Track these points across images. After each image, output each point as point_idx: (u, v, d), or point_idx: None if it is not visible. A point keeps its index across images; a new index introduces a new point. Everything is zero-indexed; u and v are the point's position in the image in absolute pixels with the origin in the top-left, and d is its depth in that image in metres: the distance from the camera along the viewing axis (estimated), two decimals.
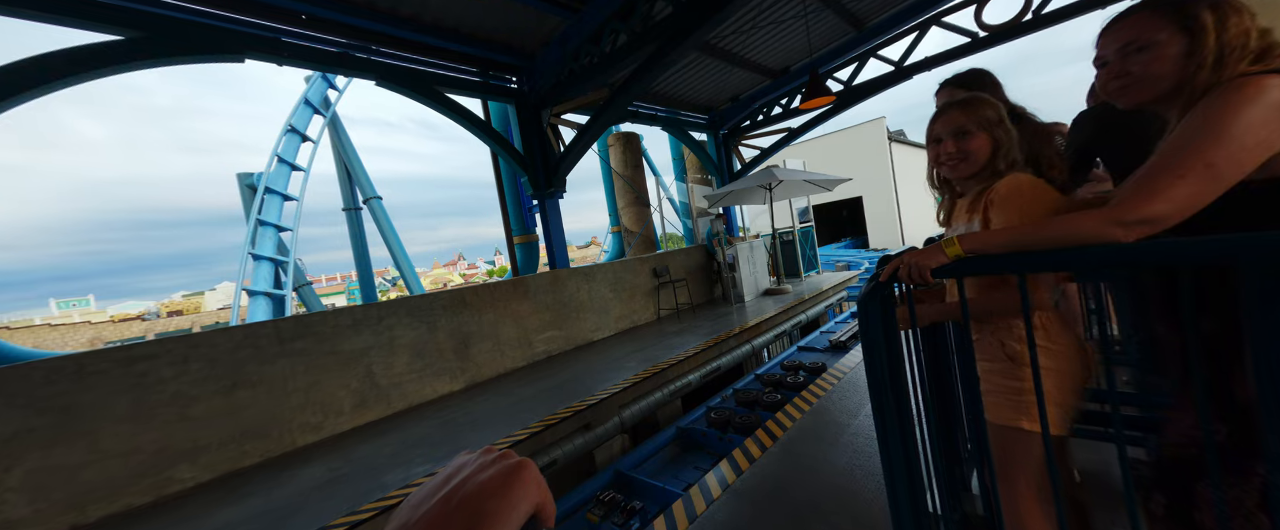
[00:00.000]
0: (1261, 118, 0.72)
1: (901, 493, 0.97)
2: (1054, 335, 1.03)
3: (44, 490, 2.44)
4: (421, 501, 0.26)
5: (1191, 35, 0.80)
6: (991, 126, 1.09)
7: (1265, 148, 0.73)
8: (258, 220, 10.87)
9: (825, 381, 3.16)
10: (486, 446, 0.30)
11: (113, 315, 34.72)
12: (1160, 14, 0.84)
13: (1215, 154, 0.73)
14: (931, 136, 1.17)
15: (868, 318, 0.97)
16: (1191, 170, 0.74)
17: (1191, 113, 0.79)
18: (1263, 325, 0.64)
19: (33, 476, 2.42)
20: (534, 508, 0.27)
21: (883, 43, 6.88)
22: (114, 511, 2.59)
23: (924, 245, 1.08)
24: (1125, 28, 0.88)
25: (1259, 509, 0.79)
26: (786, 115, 8.07)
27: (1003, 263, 0.92)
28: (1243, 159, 0.73)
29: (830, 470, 2.04)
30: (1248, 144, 0.72)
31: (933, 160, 1.18)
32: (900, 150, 19.16)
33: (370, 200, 13.74)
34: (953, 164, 1.13)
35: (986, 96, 1.14)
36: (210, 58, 3.51)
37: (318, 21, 3.93)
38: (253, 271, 10.50)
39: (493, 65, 5.21)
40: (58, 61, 2.95)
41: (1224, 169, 0.74)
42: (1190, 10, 0.80)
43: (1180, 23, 0.81)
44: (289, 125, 11.91)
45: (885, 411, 0.96)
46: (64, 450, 2.52)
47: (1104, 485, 1.55)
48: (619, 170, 8.82)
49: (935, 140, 1.16)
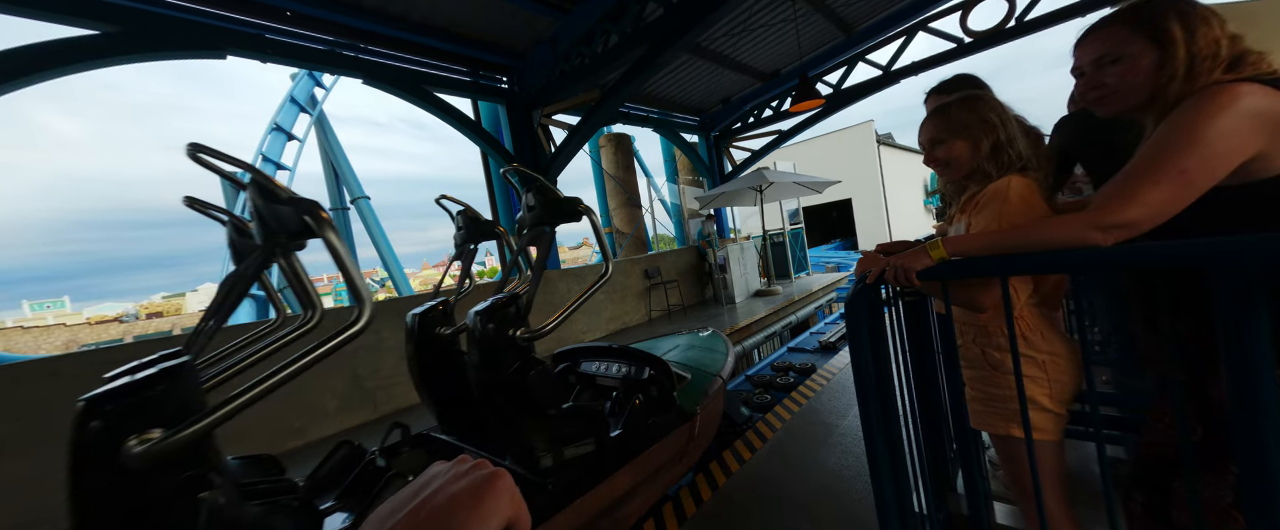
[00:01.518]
0: (1233, 126, 0.74)
1: (887, 492, 0.97)
2: (1038, 341, 1.02)
3: (13, 497, 2.35)
4: (391, 514, 0.25)
5: (1162, 47, 0.82)
6: (968, 130, 1.08)
7: (1237, 154, 0.75)
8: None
9: (815, 382, 3.19)
10: (461, 456, 0.30)
11: (89, 317, 33.77)
12: (1131, 27, 0.86)
13: (1188, 161, 0.75)
14: (920, 146, 1.20)
15: (855, 319, 0.98)
16: (1166, 177, 0.76)
17: (1166, 121, 0.81)
18: (1234, 327, 0.65)
19: (6, 488, 2.34)
20: (506, 521, 0.26)
21: (871, 47, 6.98)
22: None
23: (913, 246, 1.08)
24: (1098, 40, 0.90)
25: (1234, 507, 0.81)
26: (777, 117, 8.14)
27: (985, 266, 0.93)
28: (1215, 166, 0.75)
29: (819, 470, 2.05)
30: (1220, 151, 0.74)
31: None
32: (888, 153, 19.43)
33: (357, 200, 13.54)
34: (939, 171, 1.15)
35: (972, 96, 1.11)
36: (191, 54, 3.43)
37: (303, 19, 3.86)
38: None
39: (483, 65, 5.17)
40: (33, 56, 2.86)
41: (1197, 176, 0.75)
42: (1160, 23, 0.82)
43: (1151, 35, 0.83)
44: (274, 123, 11.70)
45: (871, 412, 0.97)
46: (40, 459, 2.44)
47: (1082, 484, 1.58)
48: (610, 171, 8.81)
49: (923, 149, 1.18)
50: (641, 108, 7.36)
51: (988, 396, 1.07)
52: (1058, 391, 1.01)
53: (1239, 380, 0.67)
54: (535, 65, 5.24)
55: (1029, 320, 1.03)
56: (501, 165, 5.49)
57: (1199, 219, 0.78)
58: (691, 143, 8.57)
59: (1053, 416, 1.01)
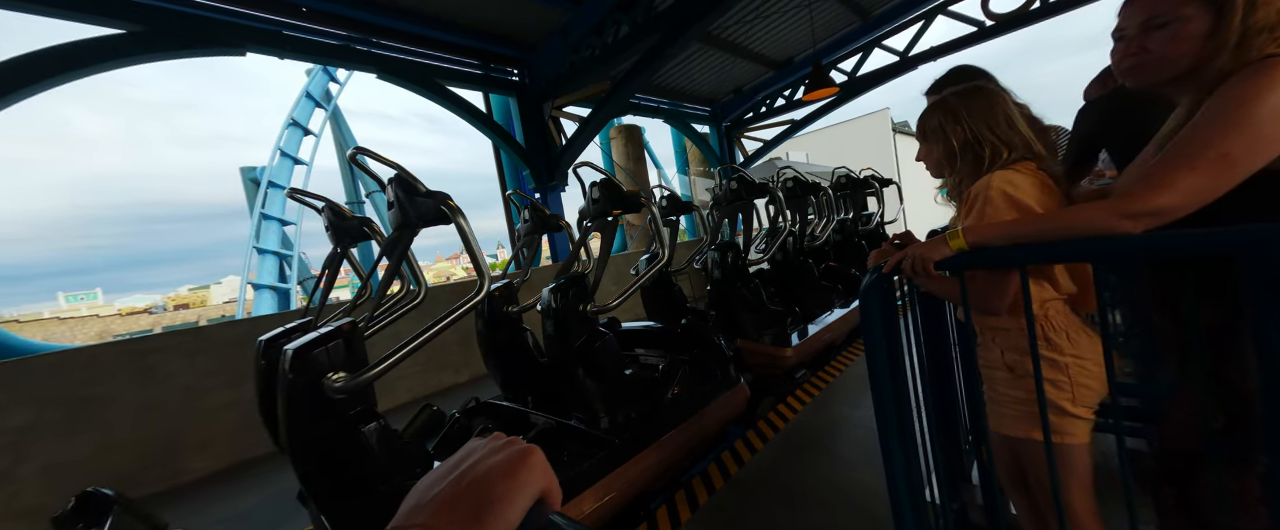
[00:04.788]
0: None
1: (900, 483, 0.97)
2: (1063, 343, 0.94)
3: (61, 481, 2.49)
4: (433, 484, 0.27)
5: (1219, 13, 0.74)
6: (931, 135, 1.06)
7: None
8: (261, 214, 10.92)
9: (828, 372, 3.18)
10: (495, 433, 0.31)
11: (120, 309, 35.05)
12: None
13: (1232, 143, 0.69)
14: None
15: (868, 309, 0.97)
16: (1204, 161, 0.71)
17: (1214, 96, 0.74)
18: (1266, 318, 0.64)
19: (49, 469, 2.47)
20: (540, 491, 0.28)
21: (888, 33, 6.80)
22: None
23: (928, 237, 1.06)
24: (1151, 1, 0.82)
25: (1262, 501, 0.79)
26: (789, 107, 8.01)
27: (1002, 256, 0.91)
28: (1262, 149, 0.69)
29: (832, 460, 2.05)
30: (1271, 133, 0.68)
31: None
32: (905, 142, 19.00)
33: (372, 194, 13.75)
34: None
35: (938, 100, 1.07)
36: (212, 51, 3.51)
37: (318, 14, 3.91)
38: (257, 265, 10.57)
39: (494, 57, 5.18)
40: (61, 56, 2.95)
41: (1240, 158, 0.70)
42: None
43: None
44: (291, 118, 11.90)
45: (884, 402, 0.97)
46: (78, 442, 2.57)
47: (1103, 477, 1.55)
48: (621, 163, 8.79)
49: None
50: (652, 98, 7.31)
51: (1005, 398, 1.01)
52: (1083, 396, 0.93)
53: (1270, 371, 0.65)
54: (546, 57, 5.24)
55: (1053, 320, 0.96)
56: (513, 158, 5.53)
57: (1228, 204, 0.73)
58: (702, 133, 8.49)
59: (1076, 421, 0.94)
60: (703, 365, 2.35)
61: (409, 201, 1.51)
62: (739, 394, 2.40)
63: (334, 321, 1.56)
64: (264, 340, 1.95)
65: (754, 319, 3.06)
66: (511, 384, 2.51)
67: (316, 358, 1.41)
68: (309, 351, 1.41)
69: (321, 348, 1.42)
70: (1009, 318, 0.99)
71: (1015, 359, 0.99)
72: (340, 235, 2.06)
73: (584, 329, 1.89)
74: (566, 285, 1.90)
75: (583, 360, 1.86)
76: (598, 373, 1.87)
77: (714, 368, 2.37)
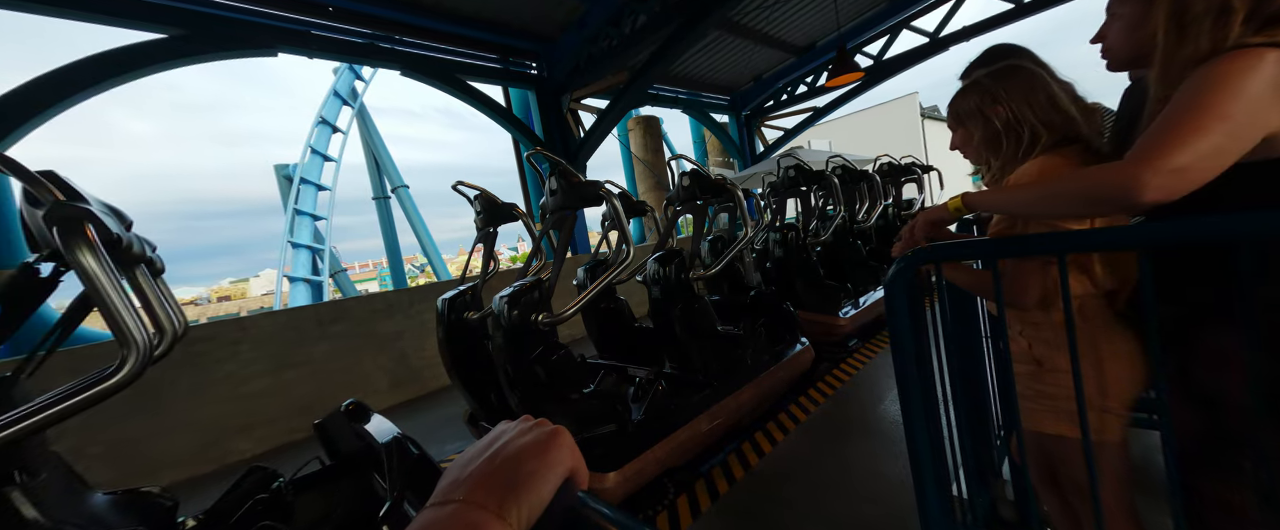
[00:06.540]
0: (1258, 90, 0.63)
1: (926, 477, 0.96)
2: (1089, 337, 0.89)
3: (122, 459, 2.69)
4: (469, 461, 0.28)
5: (1148, 2, 0.73)
6: (967, 119, 1.01)
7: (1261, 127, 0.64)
8: (295, 209, 11.36)
9: (852, 364, 3.13)
10: (525, 416, 0.33)
11: None
12: None
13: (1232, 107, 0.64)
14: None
15: (893, 300, 0.95)
16: (1209, 126, 0.65)
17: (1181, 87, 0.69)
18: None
19: (113, 447, 2.67)
20: (568, 471, 0.29)
21: (917, 13, 6.53)
22: (181, 478, 2.83)
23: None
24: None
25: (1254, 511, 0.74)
26: (811, 94, 7.81)
27: (1040, 244, 0.87)
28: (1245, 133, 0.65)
29: (854, 453, 2.03)
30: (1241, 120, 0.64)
31: None
32: (934, 127, 18.28)
33: (398, 189, 14.11)
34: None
35: (971, 82, 1.02)
36: (247, 52, 3.65)
37: (344, 13, 4.02)
38: (292, 258, 11.03)
39: (512, 51, 5.22)
40: (109, 61, 3.12)
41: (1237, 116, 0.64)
42: None
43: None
44: (320, 116, 12.28)
45: (910, 395, 0.95)
46: (136, 424, 2.76)
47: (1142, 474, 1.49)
48: (639, 154, 8.76)
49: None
50: (670, 89, 7.24)
51: (1036, 393, 0.98)
52: (1117, 391, 0.89)
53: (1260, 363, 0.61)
54: (564, 49, 5.24)
55: (1088, 313, 0.91)
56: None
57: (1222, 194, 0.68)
58: (721, 123, 8.37)
59: (1109, 417, 0.90)
60: (773, 329, 2.75)
61: (569, 187, 1.97)
62: (806, 354, 2.78)
63: (518, 281, 2.02)
64: (445, 298, 2.38)
65: (813, 292, 3.51)
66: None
67: (526, 302, 1.90)
68: (519, 298, 1.90)
69: (528, 295, 1.92)
70: (1039, 311, 0.95)
71: (1044, 352, 0.96)
72: (491, 218, 2.46)
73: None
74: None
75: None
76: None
77: (783, 331, 2.78)
